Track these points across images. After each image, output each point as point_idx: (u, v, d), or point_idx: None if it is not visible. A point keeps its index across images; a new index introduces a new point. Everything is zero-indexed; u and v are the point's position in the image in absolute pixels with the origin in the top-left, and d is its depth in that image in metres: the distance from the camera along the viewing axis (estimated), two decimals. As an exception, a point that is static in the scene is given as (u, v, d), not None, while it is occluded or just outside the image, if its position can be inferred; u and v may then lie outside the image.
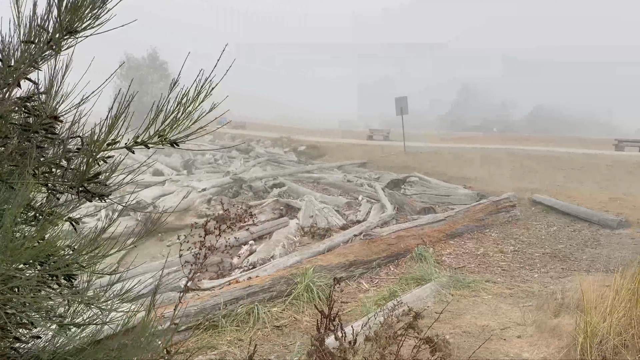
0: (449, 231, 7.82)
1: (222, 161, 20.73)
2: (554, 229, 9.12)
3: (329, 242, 6.82)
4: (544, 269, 6.35)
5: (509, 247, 7.49)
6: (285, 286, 4.86)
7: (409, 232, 7.16)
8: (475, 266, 6.43)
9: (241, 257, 6.55)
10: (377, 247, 6.36)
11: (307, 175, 15.36)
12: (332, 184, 13.80)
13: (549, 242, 7.89)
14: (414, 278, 5.48)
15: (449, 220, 8.12)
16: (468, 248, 7.33)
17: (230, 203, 11.26)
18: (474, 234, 8.26)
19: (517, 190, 12.45)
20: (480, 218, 8.78)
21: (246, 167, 17.55)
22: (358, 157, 20.93)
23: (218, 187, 12.67)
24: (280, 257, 6.13)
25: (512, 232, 8.68)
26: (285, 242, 7.10)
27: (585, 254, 7.11)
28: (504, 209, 9.57)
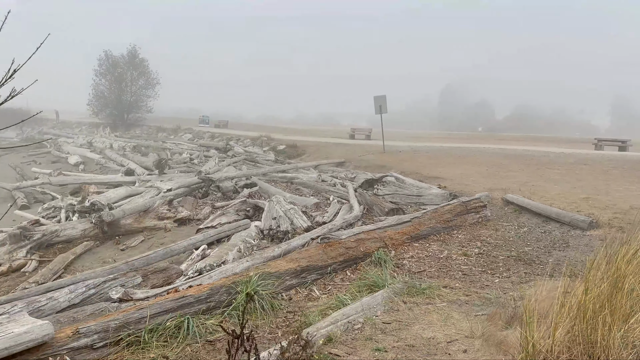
0: (414, 233, 7.56)
1: (198, 160, 20.32)
2: (524, 230, 8.92)
3: (285, 246, 6.51)
4: (506, 273, 6.11)
5: (474, 249, 7.25)
6: (225, 296, 4.55)
7: (370, 234, 6.88)
8: (436, 270, 6.17)
9: (191, 262, 6.21)
10: (334, 251, 6.07)
11: (280, 175, 15.04)
12: (304, 184, 13.50)
13: (516, 244, 7.67)
14: (367, 285, 5.20)
15: (414, 221, 7.87)
16: (431, 251, 7.08)
17: (196, 204, 10.91)
18: (440, 235, 8.01)
19: (491, 190, 12.28)
20: (448, 219, 8.54)
21: (220, 166, 17.18)
22: (337, 156, 20.66)
23: (186, 188, 12.29)
24: (230, 263, 5.81)
25: (480, 233, 8.46)
26: (242, 246, 6.78)
27: (552, 257, 6.89)
28: (473, 209, 9.35)
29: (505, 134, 52.47)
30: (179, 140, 28.87)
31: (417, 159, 18.82)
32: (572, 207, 10.30)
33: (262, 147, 24.37)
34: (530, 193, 11.74)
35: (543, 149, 23.31)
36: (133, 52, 39.69)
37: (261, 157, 20.72)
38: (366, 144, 25.39)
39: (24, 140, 35.98)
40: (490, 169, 15.98)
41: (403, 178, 14.21)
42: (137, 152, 25.67)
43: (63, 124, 45.90)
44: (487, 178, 14.21)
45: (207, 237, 7.32)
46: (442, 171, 15.56)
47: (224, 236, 7.66)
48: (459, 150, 21.46)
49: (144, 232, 9.08)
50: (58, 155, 26.62)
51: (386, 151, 21.28)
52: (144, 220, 9.16)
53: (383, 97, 20.92)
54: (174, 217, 9.25)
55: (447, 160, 18.13)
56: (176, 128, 35.08)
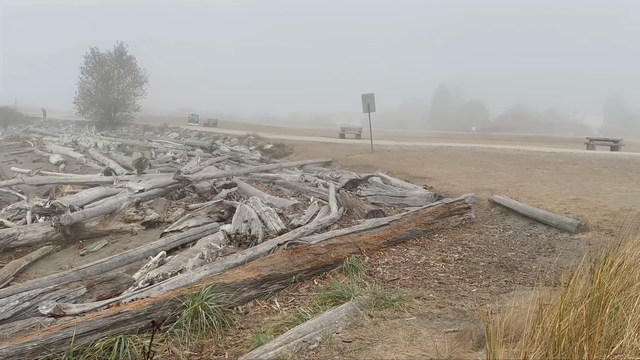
0: (391, 237, 7.13)
1: (180, 160, 19.81)
2: (509, 234, 8.52)
3: (250, 252, 6.06)
4: (485, 281, 5.69)
5: (453, 254, 6.83)
6: (169, 311, 4.10)
7: (344, 239, 6.44)
8: (411, 278, 5.74)
9: (146, 270, 5.75)
10: (302, 258, 5.63)
11: (263, 175, 14.58)
12: (286, 184, 13.05)
13: (499, 249, 7.26)
14: (332, 296, 4.76)
15: (392, 225, 7.44)
16: (409, 256, 6.65)
17: (169, 206, 10.43)
18: (420, 239, 7.59)
19: (478, 191, 11.89)
20: (429, 222, 8.12)
21: (202, 165, 16.68)
22: (324, 155, 20.22)
23: (161, 188, 11.80)
24: (185, 272, 5.35)
25: (463, 237, 8.04)
26: (206, 252, 6.32)
27: (536, 263, 6.49)
28: (456, 211, 8.94)
29: (498, 134, 52.32)
30: (164, 139, 28.31)
31: (405, 158, 18.42)
32: (561, 208, 9.92)
33: (249, 146, 23.88)
34: (518, 194, 11.36)
35: (534, 149, 23.00)
36: (120, 50, 39.00)
37: (246, 156, 20.24)
38: (355, 143, 24.98)
39: (8, 139, 35.27)
40: (479, 168, 15.61)
41: (389, 178, 13.81)
42: (121, 151, 25.11)
43: (50, 122, 45.09)
44: (475, 178, 13.82)
45: (170, 242, 6.85)
46: (429, 171, 15.16)
47: (190, 241, 7.20)
48: (448, 149, 21.09)
49: (109, 236, 8.60)
50: (40, 154, 25.98)
51: (374, 150, 20.87)
52: (109, 223, 8.68)
53: (371, 95, 20.49)
54: (142, 219, 8.78)
55: (436, 160, 17.74)
56: (163, 127, 34.47)
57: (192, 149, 23.58)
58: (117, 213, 8.81)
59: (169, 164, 19.30)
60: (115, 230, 8.70)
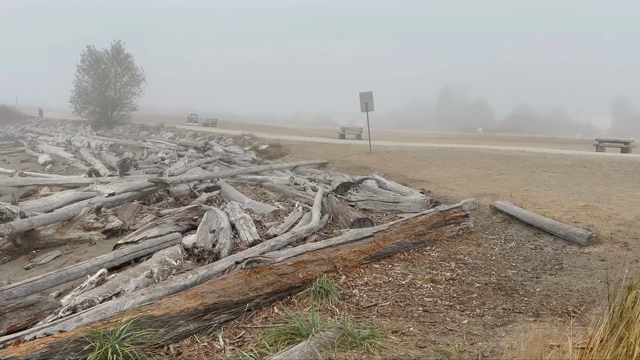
0: (374, 252, 6.23)
1: (169, 160, 18.99)
2: (510, 246, 7.59)
3: (204, 270, 5.18)
4: (480, 308, 4.78)
5: (445, 272, 5.92)
6: (72, 355, 3.23)
7: (317, 255, 5.55)
8: (391, 304, 4.84)
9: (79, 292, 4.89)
10: (261, 280, 4.74)
11: (250, 177, 13.71)
12: (272, 188, 12.17)
13: (498, 266, 6.34)
14: (288, 332, 3.88)
15: (377, 236, 6.53)
16: (393, 275, 5.75)
17: (139, 211, 9.58)
18: (409, 253, 6.68)
19: (479, 195, 10.98)
20: (421, 232, 7.20)
21: (188, 167, 15.84)
22: (320, 156, 19.35)
23: (135, 192, 10.94)
24: (121, 297, 4.47)
25: (458, 250, 7.13)
26: (156, 269, 5.46)
27: (540, 285, 5.57)
28: (453, 219, 8.02)
29: (504, 135, 51.28)
30: (159, 139, 27.50)
31: (404, 160, 17.50)
32: (569, 216, 8.99)
33: (244, 147, 23.03)
34: (522, 199, 10.43)
35: (540, 150, 22.00)
36: (117, 48, 38.20)
37: (239, 157, 19.38)
38: (353, 144, 24.08)
39: (2, 138, 34.65)
40: (481, 171, 14.67)
41: (385, 181, 12.90)
42: (112, 151, 24.36)
43: (47, 121, 44.46)
44: (477, 182, 12.89)
45: (119, 256, 5.99)
46: (428, 174, 14.25)
47: (145, 255, 6.33)
48: (449, 151, 20.14)
49: (66, 246, 7.76)
50: (31, 154, 25.27)
51: (373, 151, 19.96)
52: (67, 231, 7.85)
53: (369, 93, 19.59)
54: (102, 227, 7.93)
55: (436, 162, 16.81)
56: (159, 126, 33.69)
57: (184, 149, 22.77)
58: (75, 220, 7.96)
59: (157, 164, 18.49)
60: (73, 240, 7.86)
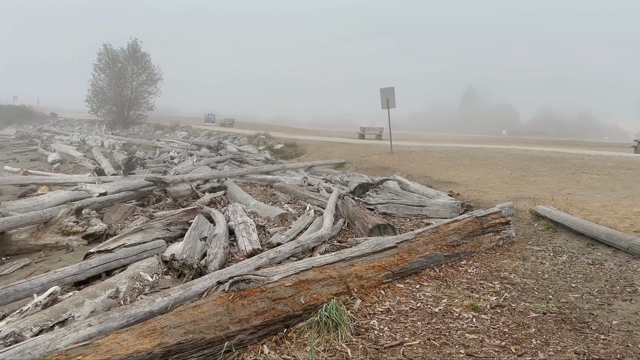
0: (398, 267, 5.01)
1: (179, 159, 18.04)
2: (562, 260, 6.29)
3: (179, 292, 4.04)
4: (543, 352, 3.53)
5: (489, 296, 4.67)
6: None
7: (325, 271, 4.36)
8: (422, 343, 3.62)
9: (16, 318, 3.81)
10: (248, 308, 3.58)
11: (260, 177, 12.61)
12: (283, 189, 11.03)
13: (554, 287, 5.06)
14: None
15: (402, 247, 5.32)
16: (422, 299, 4.53)
17: (130, 213, 8.53)
18: (441, 269, 5.44)
19: (515, 199, 9.67)
20: (454, 242, 5.96)
21: (196, 165, 14.83)
22: (337, 156, 18.17)
23: (131, 192, 9.92)
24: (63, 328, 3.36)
25: (501, 265, 5.86)
26: (124, 287, 4.35)
27: (616, 316, 4.28)
28: (491, 227, 6.75)
29: (529, 138, 49.23)
30: (172, 138, 26.69)
31: (428, 160, 16.19)
32: (626, 224, 7.64)
33: (258, 146, 21.99)
34: (567, 204, 9.09)
35: (575, 151, 20.41)
36: (134, 46, 37.64)
37: (252, 156, 18.32)
38: (373, 144, 22.82)
39: (18, 137, 34.36)
40: (515, 172, 13.29)
41: (408, 182, 11.66)
42: (124, 150, 23.59)
43: (65, 121, 44.25)
44: (511, 184, 11.55)
45: (85, 269, 4.89)
46: (455, 175, 12.94)
47: (118, 266, 5.24)
48: (477, 151, 18.73)
49: (41, 252, 6.74)
50: (42, 153, 24.71)
51: (394, 151, 18.69)
52: (43, 235, 6.84)
53: (391, 89, 18.32)
54: (83, 231, 6.90)
55: (464, 162, 15.46)
56: (174, 126, 32.94)
57: (197, 149, 21.87)
58: (53, 223, 6.93)
59: (165, 163, 17.56)
60: (49, 245, 6.83)
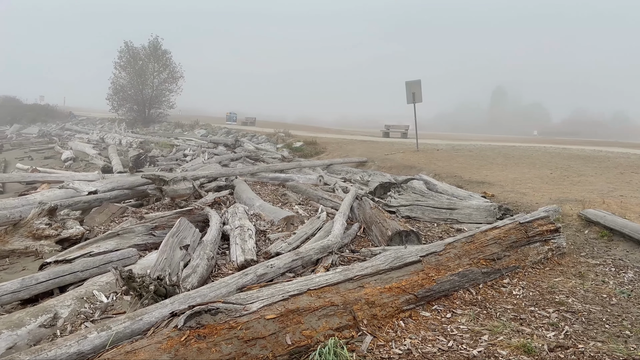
0: (423, 289, 3.88)
1: (191, 157, 17.18)
2: (629, 278, 5.04)
3: (125, 324, 3.00)
4: None
5: (545, 330, 3.49)
6: None
7: (324, 295, 3.27)
8: (457, 410, 2.49)
9: None
10: (208, 355, 2.52)
11: (272, 176, 11.58)
12: (295, 188, 9.97)
13: (629, 318, 3.84)
14: None
15: (428, 262, 4.18)
16: (455, 335, 3.39)
17: (119, 214, 7.59)
18: (478, 290, 4.28)
19: (559, 202, 8.39)
20: (494, 255, 4.78)
21: (207, 163, 13.91)
22: (359, 154, 17.02)
23: (126, 190, 9.01)
24: None
25: (553, 285, 4.65)
26: (67, 312, 3.35)
27: None
28: (537, 235, 5.53)
29: (562, 139, 46.98)
30: (191, 136, 25.97)
31: (457, 158, 14.90)
32: (701, 233, 6.31)
33: (276, 144, 21.01)
34: (621, 208, 7.77)
35: (618, 150, 18.76)
36: (155, 44, 37.17)
37: (268, 154, 17.33)
38: (398, 142, 21.58)
39: (39, 135, 34.29)
40: (555, 172, 11.92)
41: (435, 182, 10.47)
42: (140, 148, 22.96)
43: (87, 120, 44.23)
44: (552, 184, 10.23)
45: (28, 285, 3.90)
46: (488, 174, 11.66)
47: (75, 281, 4.25)
48: (512, 149, 17.31)
49: (8, 259, 5.84)
50: (58, 150, 24.32)
51: (420, 149, 17.43)
52: (10, 239, 5.96)
53: (417, 82, 17.07)
54: (57, 235, 5.99)
55: (497, 161, 14.12)
56: (194, 124, 32.29)
57: (214, 147, 21.03)
58: (22, 225, 6.03)
59: (177, 161, 16.74)
60: (18, 251, 5.93)
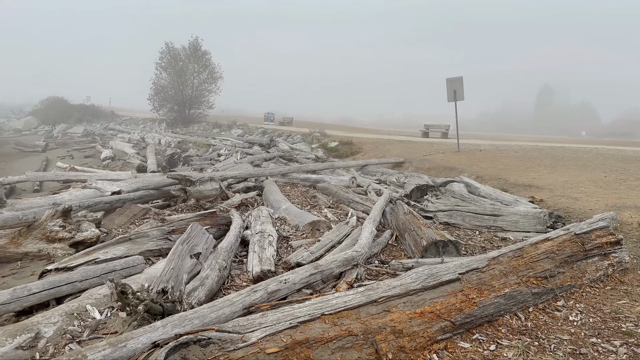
0: (462, 314, 3.28)
1: (224, 157, 16.98)
2: None
3: (106, 351, 2.54)
4: None
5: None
6: None
7: (341, 322, 2.73)
8: None
9: None
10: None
11: (303, 177, 11.12)
12: (326, 190, 9.46)
13: None
14: None
15: (468, 280, 3.58)
16: (500, 373, 2.79)
17: (140, 216, 7.29)
18: (528, 316, 3.64)
19: (617, 208, 7.55)
20: (546, 273, 4.11)
21: (238, 163, 13.61)
22: (396, 155, 16.36)
23: (152, 190, 8.74)
24: None
25: (617, 309, 3.95)
26: (52, 331, 2.95)
27: None
28: (596, 248, 4.80)
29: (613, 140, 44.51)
30: (227, 136, 25.94)
31: (502, 159, 14.01)
32: None
33: (312, 144, 20.58)
34: (691, 216, 6.88)
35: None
36: (195, 44, 37.58)
37: (302, 154, 16.92)
38: (438, 142, 20.72)
39: (84, 135, 35.22)
40: (610, 175, 10.91)
41: (477, 185, 9.75)
42: (178, 148, 23.07)
43: (130, 120, 45.30)
44: (608, 189, 9.31)
45: (19, 296, 3.53)
46: (536, 177, 10.80)
47: (74, 292, 3.88)
48: (560, 150, 16.22)
49: (20, 262, 5.59)
50: (99, 150, 24.78)
51: (461, 150, 16.58)
52: (24, 241, 5.72)
53: (459, 79, 16.24)
54: (71, 238, 5.70)
55: (545, 163, 13.16)
56: (231, 124, 32.35)
57: (249, 146, 20.82)
58: (36, 227, 5.78)
59: (211, 161, 16.57)
60: (31, 254, 5.68)
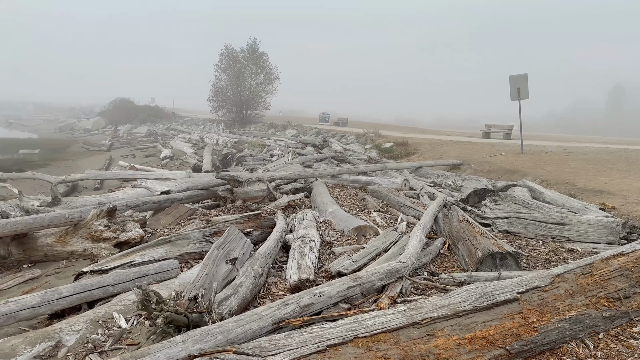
0: (519, 341, 2.85)
1: (276, 158, 16.96)
2: None
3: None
4: None
5: None
6: None
7: (377, 347, 2.40)
8: None
9: None
10: None
11: (353, 178, 10.78)
12: (376, 192, 9.08)
13: None
14: None
15: (528, 301, 3.13)
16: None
17: (187, 215, 7.23)
18: (597, 344, 3.15)
19: None
20: (619, 294, 3.56)
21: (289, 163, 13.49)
22: (454, 156, 15.68)
23: (201, 190, 8.72)
24: None
25: None
26: (75, 337, 2.81)
27: None
28: (684, 268, 4.15)
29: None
30: (282, 137, 26.06)
31: (569, 162, 13.04)
32: None
33: (365, 145, 20.19)
34: None
35: None
36: (253, 46, 38.16)
37: (355, 155, 16.57)
38: (499, 143, 19.72)
39: (147, 135, 36.61)
40: (696, 181, 9.82)
41: (542, 190, 9.05)
42: (234, 148, 23.41)
43: (191, 120, 46.69)
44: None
45: (50, 299, 3.45)
46: (608, 182, 9.90)
47: (105, 296, 3.77)
48: (634, 152, 14.93)
49: (66, 261, 5.64)
50: (160, 149, 25.60)
51: (525, 151, 15.65)
52: (70, 240, 5.77)
53: (523, 76, 15.31)
54: (115, 238, 5.68)
55: (618, 166, 12.10)
56: (286, 125, 32.54)
57: (303, 147, 20.75)
58: (82, 226, 5.81)
59: (264, 161, 16.59)
60: (77, 253, 5.72)
